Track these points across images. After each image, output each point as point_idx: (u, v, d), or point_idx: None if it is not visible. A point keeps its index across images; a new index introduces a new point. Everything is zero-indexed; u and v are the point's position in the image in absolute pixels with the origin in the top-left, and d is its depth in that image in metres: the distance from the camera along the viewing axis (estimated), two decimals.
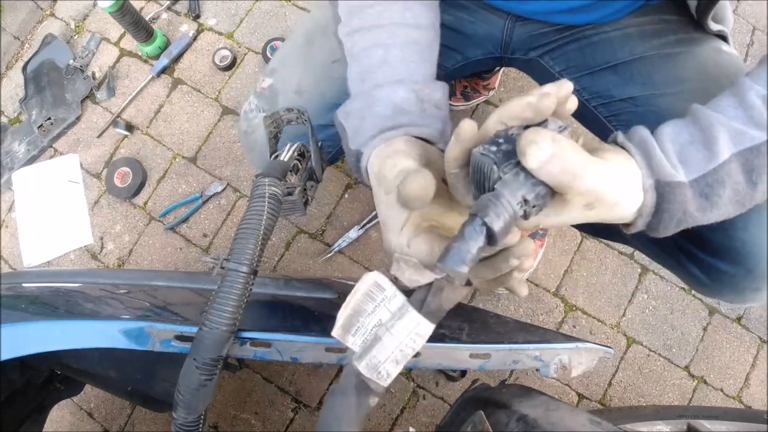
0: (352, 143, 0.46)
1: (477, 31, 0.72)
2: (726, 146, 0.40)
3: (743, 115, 0.41)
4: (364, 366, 0.35)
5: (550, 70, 0.73)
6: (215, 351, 0.41)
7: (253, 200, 0.43)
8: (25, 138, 1.49)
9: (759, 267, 0.53)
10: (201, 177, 1.39)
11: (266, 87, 0.70)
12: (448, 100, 1.34)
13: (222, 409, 1.24)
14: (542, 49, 0.72)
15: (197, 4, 1.51)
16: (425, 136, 0.45)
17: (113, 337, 0.44)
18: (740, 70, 0.59)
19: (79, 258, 1.39)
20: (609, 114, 0.67)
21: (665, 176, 0.39)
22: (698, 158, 0.40)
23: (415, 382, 1.20)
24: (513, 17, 0.71)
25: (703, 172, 0.40)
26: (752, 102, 0.41)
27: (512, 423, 0.50)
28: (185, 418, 0.42)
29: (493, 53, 0.76)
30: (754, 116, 0.41)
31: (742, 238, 0.53)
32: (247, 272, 0.41)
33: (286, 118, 0.54)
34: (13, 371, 0.69)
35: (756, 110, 0.41)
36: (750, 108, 0.41)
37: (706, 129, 0.41)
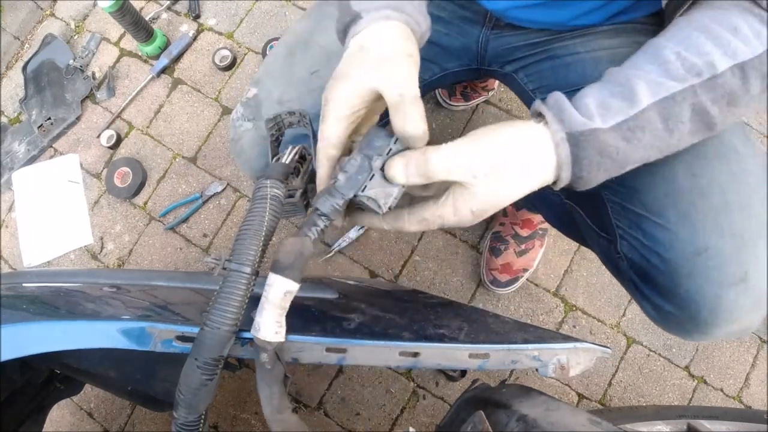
0: (355, 4, 0.49)
1: (453, 44, 0.73)
2: (645, 96, 0.44)
3: (659, 69, 0.45)
4: (251, 329, 0.43)
5: (524, 87, 0.73)
6: (217, 351, 0.41)
7: (254, 201, 0.44)
8: (25, 138, 1.49)
9: (702, 314, 0.53)
10: (201, 177, 1.39)
11: (251, 97, 0.71)
12: (448, 99, 1.34)
13: (222, 409, 1.24)
14: (517, 64, 0.72)
15: (197, 4, 1.51)
16: (415, 30, 0.50)
17: (114, 337, 0.44)
18: None
19: (79, 258, 1.39)
20: None
21: (577, 126, 0.44)
22: (621, 106, 0.44)
23: (415, 382, 1.20)
24: (488, 29, 0.71)
25: (625, 117, 0.44)
26: (667, 57, 0.45)
27: (512, 423, 0.50)
28: (186, 418, 0.42)
29: (470, 65, 0.76)
30: (669, 69, 0.45)
31: (686, 285, 0.53)
32: (249, 273, 0.42)
33: (288, 121, 0.54)
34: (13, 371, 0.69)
35: (671, 64, 0.45)
36: (665, 62, 0.45)
37: (625, 83, 0.45)
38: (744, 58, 0.44)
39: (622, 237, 0.60)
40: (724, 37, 0.44)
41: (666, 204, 0.55)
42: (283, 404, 0.42)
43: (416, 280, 1.28)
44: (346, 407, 1.21)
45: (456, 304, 0.86)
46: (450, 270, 1.28)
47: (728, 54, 0.44)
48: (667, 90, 0.44)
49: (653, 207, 0.56)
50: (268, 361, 0.42)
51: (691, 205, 0.54)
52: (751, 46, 0.44)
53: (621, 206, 0.59)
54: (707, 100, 0.44)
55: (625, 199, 0.58)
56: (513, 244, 1.19)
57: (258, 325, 0.41)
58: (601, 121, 0.44)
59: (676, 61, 0.45)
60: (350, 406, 1.20)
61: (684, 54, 0.45)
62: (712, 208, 0.53)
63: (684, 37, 0.46)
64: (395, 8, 0.48)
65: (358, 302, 0.53)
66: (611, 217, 0.61)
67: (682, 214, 0.54)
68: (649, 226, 0.56)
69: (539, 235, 1.20)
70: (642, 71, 0.46)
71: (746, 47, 0.44)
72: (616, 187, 0.59)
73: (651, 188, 0.56)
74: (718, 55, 0.44)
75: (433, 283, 1.27)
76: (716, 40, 0.44)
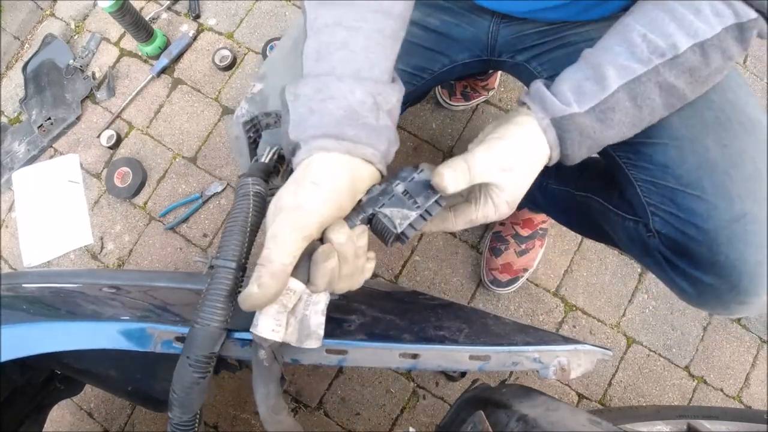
0: (292, 132, 0.45)
1: (463, 34, 0.73)
2: (614, 80, 0.49)
3: (626, 52, 0.50)
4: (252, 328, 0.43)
5: (537, 76, 0.73)
6: (207, 348, 0.41)
7: (238, 199, 0.44)
8: (25, 138, 1.49)
9: (743, 282, 0.54)
10: (201, 177, 1.39)
11: (257, 92, 0.71)
12: (448, 99, 1.33)
13: (222, 409, 1.24)
14: (529, 53, 0.73)
15: (197, 4, 1.51)
16: (366, 157, 0.45)
17: (115, 338, 0.44)
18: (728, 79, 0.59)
19: (79, 258, 1.39)
20: None
21: (558, 112, 0.49)
22: (593, 90, 0.50)
23: (415, 382, 1.20)
24: (498, 18, 0.71)
25: (597, 101, 0.49)
26: (634, 40, 0.50)
27: (512, 423, 0.50)
28: (180, 417, 0.42)
29: (479, 56, 0.76)
30: (635, 52, 0.49)
31: (726, 252, 0.54)
32: (235, 268, 0.42)
33: (265, 122, 0.55)
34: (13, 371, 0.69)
35: (637, 47, 0.49)
36: (632, 45, 0.49)
37: (597, 67, 0.50)
38: (704, 37, 0.48)
39: (654, 214, 0.60)
40: (686, 18, 0.48)
41: (701, 176, 0.56)
42: (279, 404, 0.42)
43: (416, 280, 1.28)
44: (346, 407, 1.21)
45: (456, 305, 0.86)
46: (450, 270, 1.28)
47: (690, 34, 0.48)
48: (633, 72, 0.49)
49: (688, 180, 0.57)
50: (266, 359, 0.41)
51: (726, 175, 0.55)
52: (710, 25, 0.48)
53: (652, 183, 0.60)
54: (671, 76, 0.49)
55: (656, 176, 0.59)
56: (513, 244, 1.19)
57: (256, 321, 0.41)
58: (578, 106, 0.49)
59: (641, 44, 0.49)
60: (350, 406, 1.20)
61: (649, 36, 0.49)
62: (745, 176, 0.55)
63: (651, 18, 0.50)
64: (335, 137, 0.44)
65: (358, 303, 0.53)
66: (641, 197, 0.61)
67: (718, 184, 0.55)
68: (684, 199, 0.57)
69: (539, 235, 1.20)
70: (612, 54, 0.50)
71: (707, 26, 0.48)
72: (645, 165, 0.60)
73: (682, 162, 0.57)
74: (680, 36, 0.49)
75: (433, 283, 1.27)
76: (680, 21, 0.49)
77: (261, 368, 0.42)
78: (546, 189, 0.96)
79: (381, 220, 0.45)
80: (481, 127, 1.34)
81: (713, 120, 0.57)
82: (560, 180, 0.92)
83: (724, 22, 0.48)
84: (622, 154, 0.63)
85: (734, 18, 0.48)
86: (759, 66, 1.39)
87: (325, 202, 0.42)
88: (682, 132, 0.58)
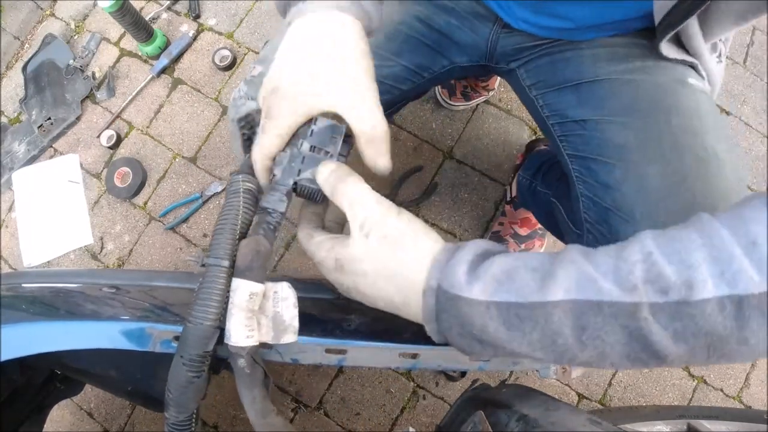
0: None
1: (464, 39, 0.73)
2: (562, 288, 0.33)
3: (611, 264, 0.33)
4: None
5: (522, 83, 0.73)
6: (201, 347, 0.41)
7: (229, 196, 0.44)
8: (25, 138, 1.49)
9: None
10: (201, 177, 1.39)
11: (256, 75, 0.70)
12: (449, 99, 1.34)
13: (222, 409, 1.24)
14: (521, 60, 0.73)
15: (197, 4, 1.51)
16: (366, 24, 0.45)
17: (114, 337, 0.44)
18: (697, 105, 0.58)
19: (79, 258, 1.39)
20: (562, 134, 0.67)
21: (447, 286, 0.36)
22: (528, 285, 0.34)
23: (415, 382, 1.20)
24: (499, 28, 0.71)
25: (515, 300, 0.34)
26: (628, 255, 0.33)
27: (512, 423, 0.50)
28: (176, 417, 0.42)
29: (478, 61, 0.77)
30: (620, 268, 0.33)
31: None
32: (228, 266, 0.42)
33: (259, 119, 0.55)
34: (13, 371, 0.69)
35: (626, 265, 0.33)
36: (623, 261, 0.33)
37: (558, 264, 0.35)
38: (748, 290, 0.30)
39: (588, 231, 0.61)
40: (729, 250, 0.30)
41: (635, 201, 0.56)
42: (266, 407, 0.42)
43: None
44: (346, 407, 1.21)
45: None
46: None
47: (725, 276, 0.30)
48: (598, 293, 0.32)
49: (622, 203, 0.57)
50: (246, 366, 0.41)
51: (658, 204, 0.54)
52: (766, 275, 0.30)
53: (592, 200, 0.60)
54: (656, 326, 0.31)
55: (598, 194, 0.59)
56: (513, 244, 1.19)
57: (228, 332, 0.41)
58: (481, 291, 0.35)
59: (638, 263, 0.32)
60: (350, 406, 1.20)
61: (655, 256, 0.32)
62: (678, 209, 0.54)
63: (672, 235, 0.33)
64: (329, 6, 0.42)
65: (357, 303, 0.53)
66: (581, 212, 0.62)
67: (648, 212, 0.55)
68: (615, 221, 0.57)
69: (539, 234, 1.20)
70: (589, 257, 0.35)
71: (759, 275, 0.30)
72: (591, 182, 0.60)
73: (622, 185, 0.57)
74: (706, 272, 0.31)
75: None
76: (716, 251, 0.31)
77: (243, 376, 0.41)
78: (535, 191, 0.96)
79: (305, 186, 0.45)
80: (481, 127, 1.35)
81: (667, 146, 0.55)
82: (545, 183, 0.93)
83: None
84: (576, 167, 0.64)
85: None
86: (759, 66, 1.39)
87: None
88: (632, 154, 0.57)
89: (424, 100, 1.37)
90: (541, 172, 0.96)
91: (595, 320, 0.32)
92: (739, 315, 0.30)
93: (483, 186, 1.31)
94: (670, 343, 0.32)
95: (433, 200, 1.31)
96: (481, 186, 1.31)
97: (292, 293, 0.43)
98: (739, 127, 1.33)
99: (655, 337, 0.32)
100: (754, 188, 1.28)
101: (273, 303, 0.43)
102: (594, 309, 0.32)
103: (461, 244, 0.39)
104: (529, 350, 0.35)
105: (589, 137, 0.62)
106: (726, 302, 0.30)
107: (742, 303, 0.30)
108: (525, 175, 1.02)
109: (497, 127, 1.35)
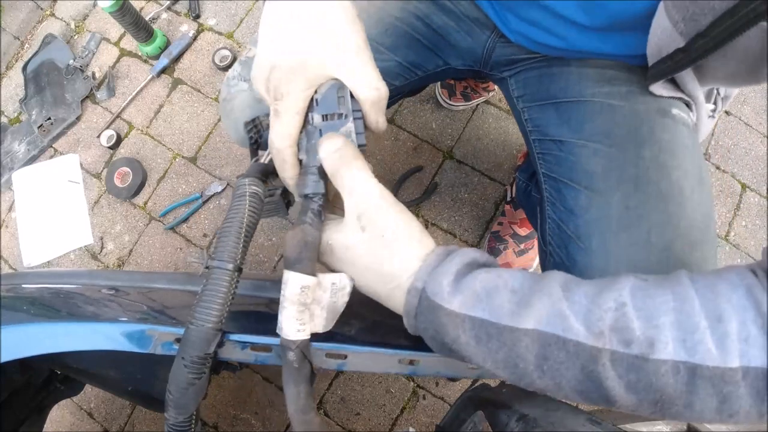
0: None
1: (460, 42, 0.73)
2: (534, 317, 0.35)
3: (585, 308, 0.34)
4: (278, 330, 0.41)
5: (511, 93, 0.73)
6: (202, 349, 0.41)
7: (234, 199, 0.44)
8: (25, 138, 1.49)
9: None
10: (201, 177, 1.40)
11: (252, 56, 0.70)
12: (448, 99, 1.34)
13: (222, 409, 1.24)
14: (513, 70, 0.73)
15: (197, 4, 1.51)
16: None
17: (115, 339, 0.44)
18: (673, 138, 0.57)
19: (79, 258, 1.39)
20: (540, 151, 0.67)
21: (430, 292, 0.38)
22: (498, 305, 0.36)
23: (415, 382, 1.20)
24: (496, 36, 0.71)
25: (488, 319, 0.36)
26: (603, 302, 0.34)
27: (512, 423, 0.50)
28: (176, 418, 0.42)
29: (472, 66, 0.76)
30: (592, 312, 0.34)
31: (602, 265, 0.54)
32: (232, 269, 0.42)
33: (266, 123, 0.55)
34: (13, 371, 0.69)
35: (599, 310, 0.34)
36: (597, 306, 0.34)
37: (536, 292, 0.36)
38: (704, 362, 0.31)
39: (550, 254, 0.61)
40: (694, 320, 0.32)
41: (593, 230, 0.56)
42: (308, 405, 0.41)
43: None
44: (346, 407, 1.21)
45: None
46: None
47: (685, 344, 0.31)
48: (565, 330, 0.34)
49: (582, 231, 0.56)
50: (295, 360, 0.40)
51: (614, 236, 0.54)
52: (725, 351, 0.30)
53: (557, 224, 0.60)
54: (611, 373, 0.33)
55: (562, 219, 0.59)
56: (512, 244, 1.19)
57: (280, 324, 0.41)
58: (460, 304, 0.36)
59: (610, 311, 0.33)
60: (350, 406, 1.20)
61: (627, 308, 0.33)
62: (632, 243, 0.53)
63: (650, 292, 0.34)
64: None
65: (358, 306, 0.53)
66: (547, 233, 0.62)
67: (603, 243, 0.54)
68: (573, 249, 0.57)
69: None
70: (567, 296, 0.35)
71: (718, 350, 0.31)
72: (558, 205, 0.60)
73: (585, 212, 0.57)
74: (669, 336, 0.32)
75: None
76: (683, 317, 0.32)
77: (291, 370, 0.41)
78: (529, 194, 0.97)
79: None
80: (481, 127, 1.35)
81: (633, 178, 0.55)
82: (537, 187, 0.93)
83: (750, 358, 0.30)
84: (548, 188, 0.64)
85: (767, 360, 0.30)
86: None
87: None
88: (598, 182, 0.57)
89: (424, 100, 1.37)
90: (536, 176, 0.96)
91: (558, 354, 0.34)
92: (690, 381, 0.31)
93: (483, 186, 1.31)
94: (621, 391, 0.33)
95: (433, 200, 1.31)
96: (481, 186, 1.31)
97: (349, 282, 0.43)
98: (739, 127, 1.33)
99: (609, 383, 0.33)
100: (754, 188, 1.28)
101: (331, 294, 0.42)
102: (559, 344, 0.34)
103: (452, 249, 0.40)
104: (493, 367, 0.37)
105: (563, 159, 0.62)
106: (681, 367, 0.31)
107: (695, 371, 0.31)
108: (522, 177, 1.03)
109: (497, 127, 1.35)
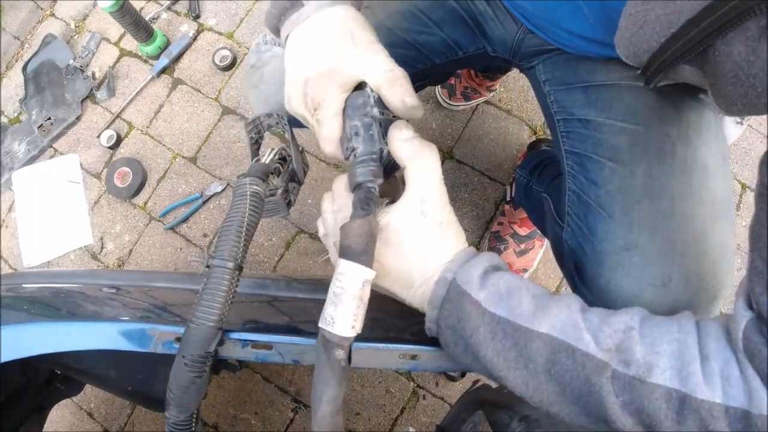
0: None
1: (494, 32, 0.73)
2: (549, 323, 0.38)
3: (595, 326, 0.38)
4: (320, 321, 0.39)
5: (539, 78, 0.73)
6: (203, 347, 0.41)
7: (235, 199, 0.44)
8: (25, 138, 1.49)
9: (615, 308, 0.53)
10: (201, 177, 1.39)
11: None
12: (448, 99, 1.34)
13: (222, 409, 1.24)
14: (541, 59, 0.73)
15: (197, 4, 1.51)
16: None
17: (115, 338, 0.44)
18: (699, 119, 0.58)
19: (79, 258, 1.39)
20: (564, 130, 0.68)
21: (460, 281, 0.40)
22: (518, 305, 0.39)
23: (415, 382, 1.20)
24: (525, 29, 0.71)
25: (507, 317, 0.39)
26: (614, 322, 0.38)
27: (514, 423, 0.50)
28: (177, 417, 0.42)
29: (503, 54, 0.77)
30: (602, 330, 0.37)
31: (608, 277, 0.55)
32: (233, 268, 0.42)
33: (267, 123, 0.55)
34: (14, 371, 0.69)
35: (609, 329, 0.37)
36: (607, 325, 0.37)
37: (556, 301, 0.39)
38: (693, 392, 0.34)
39: (568, 224, 0.62)
40: (690, 353, 0.35)
41: (616, 198, 0.57)
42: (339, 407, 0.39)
43: None
44: (346, 407, 1.20)
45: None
46: None
47: (680, 374, 0.34)
48: (576, 339, 0.37)
49: (604, 199, 0.57)
50: (344, 359, 0.38)
51: (637, 203, 0.55)
52: (712, 386, 0.34)
53: (578, 195, 0.61)
54: (610, 389, 0.36)
55: (584, 189, 0.60)
56: (512, 244, 1.19)
57: (332, 318, 0.37)
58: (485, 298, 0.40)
59: (618, 332, 0.37)
60: (350, 406, 1.20)
61: (634, 332, 0.37)
62: (655, 210, 0.54)
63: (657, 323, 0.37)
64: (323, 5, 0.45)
65: None
66: (566, 205, 0.63)
67: (626, 210, 0.55)
68: (594, 217, 0.58)
69: (539, 234, 1.20)
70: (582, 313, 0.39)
71: (706, 382, 0.34)
72: (581, 177, 0.61)
73: (608, 183, 0.58)
74: (666, 364, 0.35)
75: None
76: (682, 348, 0.35)
77: (337, 369, 0.38)
78: (530, 189, 0.97)
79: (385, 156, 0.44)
80: (481, 127, 1.35)
81: (657, 151, 0.56)
82: (540, 181, 0.93)
83: (729, 398, 0.33)
84: (570, 163, 0.64)
85: (746, 403, 0.33)
86: None
87: None
88: (623, 155, 0.58)
89: (424, 100, 1.37)
90: (537, 170, 0.96)
91: (566, 361, 0.37)
92: (680, 410, 0.34)
93: (483, 186, 1.31)
94: (618, 409, 0.36)
95: None
96: (481, 186, 1.31)
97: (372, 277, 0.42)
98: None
99: (607, 398, 0.36)
100: (754, 189, 1.28)
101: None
102: (569, 351, 0.37)
103: (477, 252, 0.43)
104: (504, 366, 0.39)
105: (588, 136, 0.63)
106: (673, 394, 0.34)
107: (685, 400, 0.34)
108: (522, 173, 1.03)
109: (497, 127, 1.35)
